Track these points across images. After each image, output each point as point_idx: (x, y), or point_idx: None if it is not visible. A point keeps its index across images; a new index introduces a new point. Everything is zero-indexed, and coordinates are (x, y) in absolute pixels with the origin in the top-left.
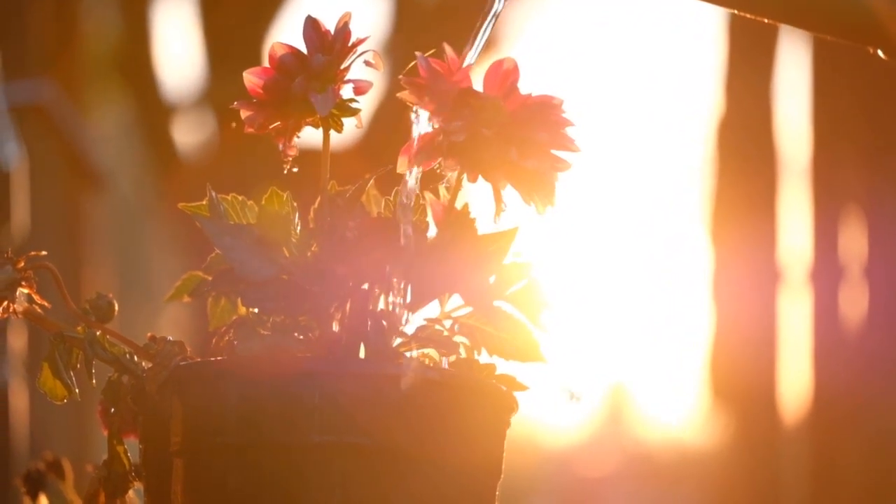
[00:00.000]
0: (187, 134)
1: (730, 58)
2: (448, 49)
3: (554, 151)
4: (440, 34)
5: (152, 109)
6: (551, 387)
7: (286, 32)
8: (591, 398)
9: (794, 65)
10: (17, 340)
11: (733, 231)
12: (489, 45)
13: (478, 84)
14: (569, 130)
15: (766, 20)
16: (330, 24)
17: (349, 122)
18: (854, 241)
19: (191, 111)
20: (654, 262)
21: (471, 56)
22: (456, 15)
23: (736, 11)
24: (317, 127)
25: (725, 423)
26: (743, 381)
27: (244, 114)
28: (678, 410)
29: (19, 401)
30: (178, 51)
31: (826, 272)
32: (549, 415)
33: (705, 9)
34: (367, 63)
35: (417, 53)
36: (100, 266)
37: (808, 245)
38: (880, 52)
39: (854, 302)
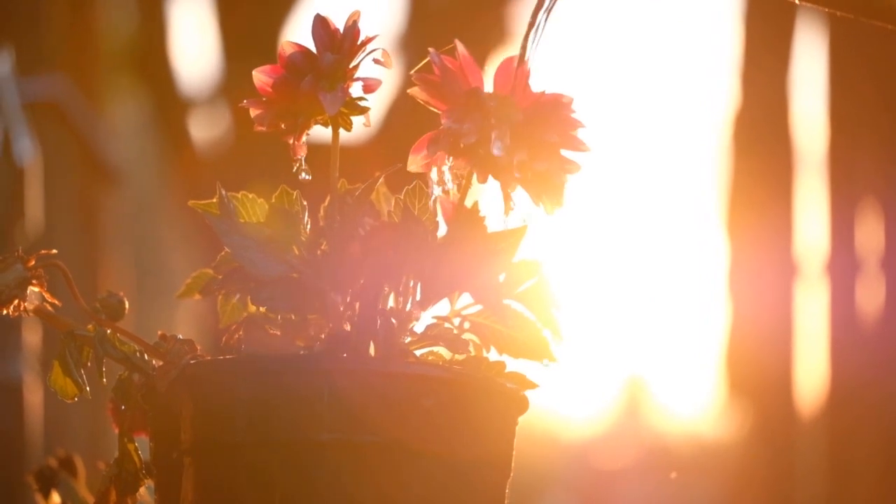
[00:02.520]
0: (202, 129)
1: (746, 49)
2: (460, 47)
3: (564, 152)
4: (455, 28)
5: (167, 105)
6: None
7: (302, 26)
8: (607, 390)
9: (810, 56)
10: (32, 336)
11: (750, 224)
12: (504, 39)
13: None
14: (579, 131)
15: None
16: (340, 22)
17: (358, 120)
18: (871, 234)
19: (205, 106)
20: (670, 255)
21: (529, 52)
22: (472, 8)
23: None
24: (326, 125)
25: (742, 416)
26: (759, 374)
27: (253, 112)
28: (695, 403)
29: (34, 396)
30: (192, 46)
31: (842, 265)
32: (565, 407)
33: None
34: (376, 61)
35: (430, 50)
36: (114, 262)
37: (825, 237)
38: None
39: (870, 294)
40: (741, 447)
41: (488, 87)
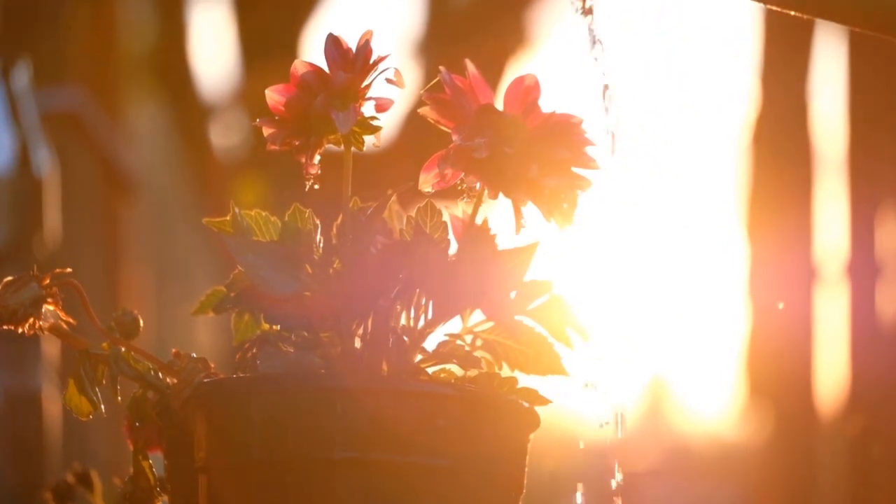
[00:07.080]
0: (222, 139)
1: (766, 52)
2: (470, 66)
3: (575, 169)
4: (474, 31)
5: (186, 115)
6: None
7: (321, 32)
8: (627, 393)
9: (830, 59)
10: (51, 348)
11: (770, 226)
12: (523, 42)
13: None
14: (590, 150)
15: (799, 14)
16: (352, 41)
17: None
18: (891, 237)
19: (225, 115)
20: (690, 257)
21: None
22: (491, 11)
23: (774, 7)
24: (338, 144)
25: (763, 419)
26: (780, 377)
27: (266, 131)
28: (716, 406)
29: (53, 407)
30: (212, 56)
31: (862, 268)
32: (586, 410)
33: (742, 3)
34: (388, 80)
35: (441, 69)
36: (134, 272)
37: (845, 240)
38: None
39: (891, 298)
40: (762, 449)
41: (499, 104)
